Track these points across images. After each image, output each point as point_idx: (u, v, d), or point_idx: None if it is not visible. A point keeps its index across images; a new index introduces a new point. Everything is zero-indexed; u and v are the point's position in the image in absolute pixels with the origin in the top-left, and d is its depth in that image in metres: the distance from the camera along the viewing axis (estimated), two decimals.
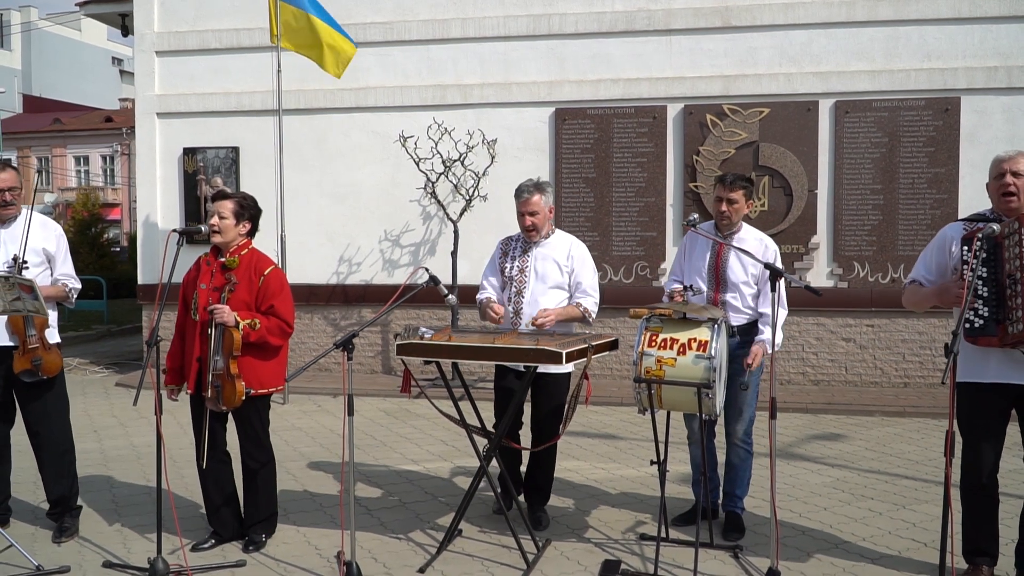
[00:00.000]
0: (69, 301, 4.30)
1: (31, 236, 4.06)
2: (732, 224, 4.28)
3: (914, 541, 4.30)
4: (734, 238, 4.28)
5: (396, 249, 9.01)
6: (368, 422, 7.02)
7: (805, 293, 4.29)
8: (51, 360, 4.07)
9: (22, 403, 4.21)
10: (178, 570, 3.76)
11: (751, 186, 4.37)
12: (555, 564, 3.97)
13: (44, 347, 4.03)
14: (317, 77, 9.01)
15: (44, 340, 4.04)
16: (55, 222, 4.47)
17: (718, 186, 4.35)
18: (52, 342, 4.13)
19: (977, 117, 8.13)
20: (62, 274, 4.26)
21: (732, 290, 4.25)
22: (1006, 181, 3.56)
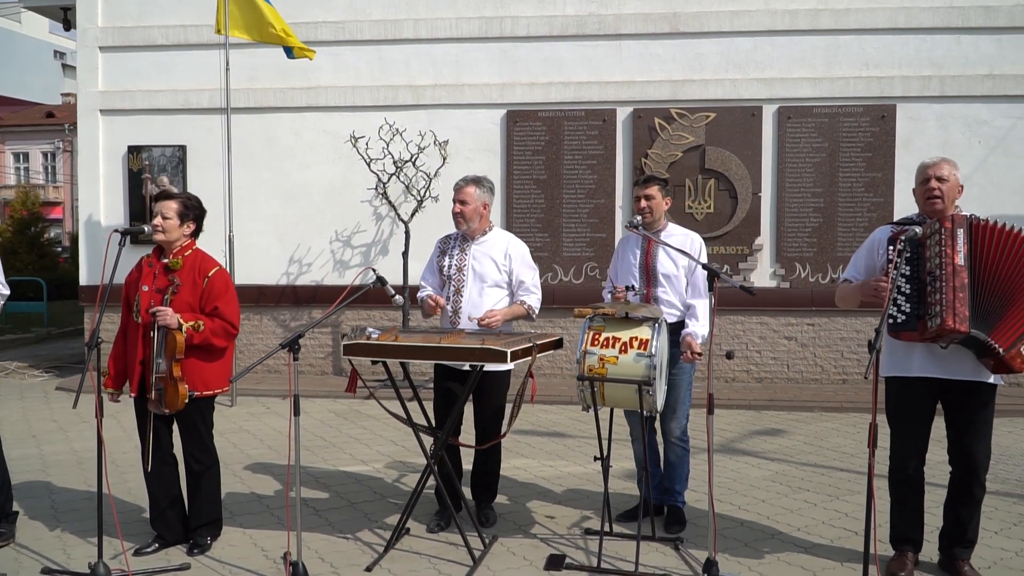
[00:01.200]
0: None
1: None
2: (654, 220, 4.39)
3: (846, 530, 4.47)
4: (661, 235, 4.40)
5: (347, 250, 9.00)
6: (317, 423, 7.01)
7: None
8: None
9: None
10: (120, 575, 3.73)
11: (665, 184, 4.52)
12: (501, 560, 4.04)
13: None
14: (267, 76, 8.99)
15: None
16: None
17: (635, 187, 4.49)
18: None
19: (912, 124, 8.43)
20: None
21: (663, 283, 4.36)
22: (931, 186, 3.74)
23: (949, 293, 3.46)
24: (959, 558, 3.82)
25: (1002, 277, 3.48)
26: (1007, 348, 3.43)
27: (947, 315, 3.43)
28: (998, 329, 3.45)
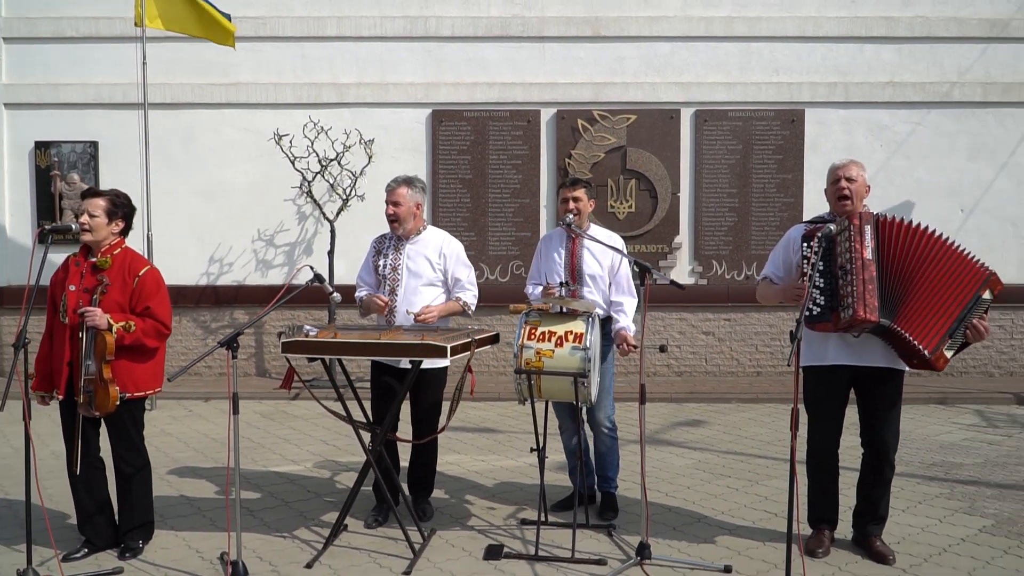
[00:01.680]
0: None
1: None
2: (581, 221, 4.54)
3: (766, 512, 4.72)
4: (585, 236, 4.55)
5: (270, 249, 8.88)
6: (245, 425, 6.91)
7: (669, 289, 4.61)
8: None
9: None
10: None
11: (590, 186, 4.68)
12: (441, 552, 4.11)
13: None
14: (185, 70, 8.79)
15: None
16: None
17: (562, 189, 4.63)
18: None
19: (819, 128, 8.86)
20: None
21: (588, 283, 4.51)
22: (841, 186, 3.99)
23: (859, 286, 3.70)
24: (872, 534, 4.08)
25: (905, 268, 3.75)
26: (932, 350, 3.69)
27: (858, 306, 3.68)
28: (903, 317, 3.71)
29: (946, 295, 3.71)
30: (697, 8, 8.87)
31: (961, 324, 3.73)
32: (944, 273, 3.72)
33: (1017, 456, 5.94)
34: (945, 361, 3.77)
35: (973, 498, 4.97)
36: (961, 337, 3.78)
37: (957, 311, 3.71)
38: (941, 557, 4.05)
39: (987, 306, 3.77)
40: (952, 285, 3.71)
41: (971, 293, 3.70)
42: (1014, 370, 8.82)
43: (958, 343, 3.79)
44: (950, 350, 3.77)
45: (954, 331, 3.73)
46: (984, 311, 3.77)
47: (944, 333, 3.71)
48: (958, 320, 3.72)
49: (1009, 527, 4.46)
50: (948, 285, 3.71)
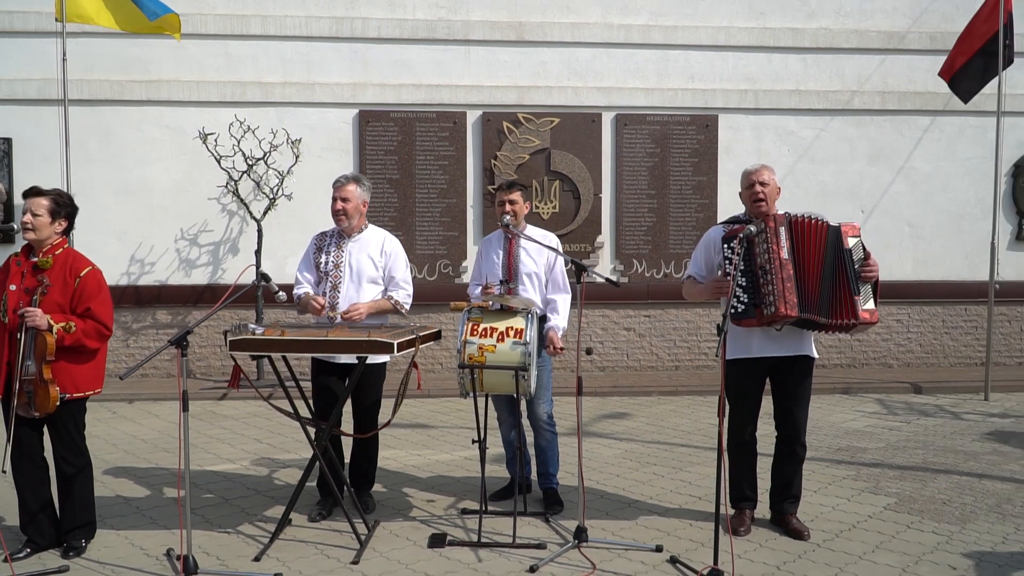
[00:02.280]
0: None
1: None
2: (517, 222, 4.75)
3: (691, 496, 5.02)
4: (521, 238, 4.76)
5: (194, 248, 8.77)
6: (171, 425, 6.85)
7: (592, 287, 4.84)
8: None
9: None
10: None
11: (526, 189, 4.92)
12: (386, 542, 4.24)
13: None
14: (104, 67, 8.61)
15: None
16: None
17: (499, 192, 4.83)
18: None
19: (732, 133, 9.31)
20: None
21: (525, 281, 4.72)
22: (755, 190, 4.30)
23: (779, 284, 4.03)
24: (787, 512, 4.42)
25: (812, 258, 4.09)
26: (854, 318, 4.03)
27: (779, 303, 4.00)
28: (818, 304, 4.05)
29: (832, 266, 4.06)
30: (616, 16, 9.19)
31: (856, 279, 4.08)
32: (824, 250, 4.07)
33: (915, 440, 6.45)
34: (870, 313, 4.09)
35: (877, 479, 5.40)
36: (865, 286, 4.11)
37: (843, 274, 4.06)
38: (851, 532, 4.42)
39: (861, 251, 4.12)
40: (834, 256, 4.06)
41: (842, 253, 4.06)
42: (910, 361, 9.48)
43: (869, 293, 4.14)
44: (866, 302, 4.11)
45: (855, 287, 4.08)
46: (862, 256, 4.11)
47: (849, 296, 4.05)
48: (849, 278, 4.07)
49: (910, 504, 4.88)
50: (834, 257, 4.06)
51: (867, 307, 4.12)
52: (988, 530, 4.45)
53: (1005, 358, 9.47)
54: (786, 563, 4.00)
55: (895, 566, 3.97)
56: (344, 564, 3.96)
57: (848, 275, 4.09)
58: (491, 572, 3.87)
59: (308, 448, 6.03)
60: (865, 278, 4.14)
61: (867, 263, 4.14)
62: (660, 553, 4.10)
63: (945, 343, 9.52)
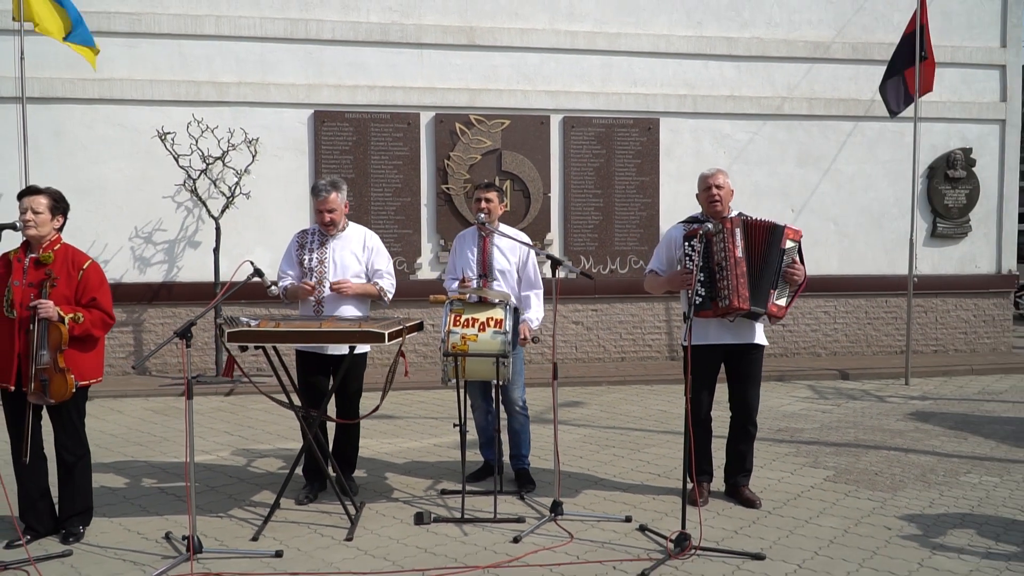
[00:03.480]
0: None
1: None
2: (491, 220, 5.08)
3: (651, 474, 5.43)
4: (495, 234, 5.09)
5: (149, 246, 8.79)
6: (139, 421, 6.94)
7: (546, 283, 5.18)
8: None
9: None
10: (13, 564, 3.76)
11: (501, 190, 5.27)
12: (374, 521, 4.51)
13: None
14: (55, 65, 8.56)
15: None
16: None
17: (476, 191, 5.16)
18: None
19: (672, 135, 9.81)
20: None
21: (498, 277, 5.05)
22: (712, 192, 4.72)
23: (734, 280, 4.45)
24: (741, 484, 4.87)
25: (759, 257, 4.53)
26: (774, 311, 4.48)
27: (733, 297, 4.43)
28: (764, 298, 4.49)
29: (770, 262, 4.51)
30: (563, 22, 9.58)
31: (778, 276, 4.53)
32: (768, 247, 4.52)
33: (846, 421, 7.02)
34: (778, 309, 4.52)
35: (815, 455, 5.92)
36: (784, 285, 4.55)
37: (771, 268, 4.51)
38: (796, 501, 4.89)
39: (795, 252, 4.57)
40: (771, 253, 4.52)
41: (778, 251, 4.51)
42: (837, 350, 10.15)
43: (785, 292, 4.58)
44: (779, 298, 4.55)
45: (775, 283, 4.52)
46: (794, 257, 4.56)
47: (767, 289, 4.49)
48: (774, 273, 4.52)
49: (847, 476, 5.39)
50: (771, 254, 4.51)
51: (778, 302, 4.57)
52: (916, 496, 4.98)
53: (923, 346, 10.23)
54: (742, 528, 4.43)
55: (838, 528, 4.44)
56: (338, 541, 4.22)
57: (774, 270, 4.53)
58: (477, 543, 4.19)
59: (281, 439, 6.30)
60: (786, 277, 4.57)
61: (793, 265, 4.58)
62: (630, 523, 4.47)
63: (868, 333, 10.22)
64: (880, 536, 4.32)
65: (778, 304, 4.53)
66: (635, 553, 4.06)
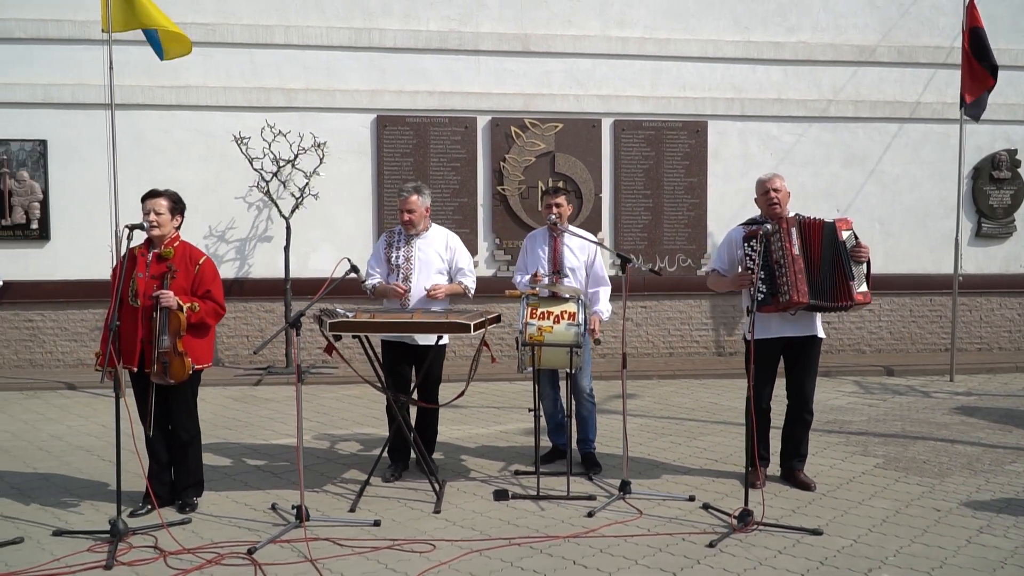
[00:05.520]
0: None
1: None
2: (562, 222, 5.44)
3: (708, 459, 5.77)
4: (565, 235, 5.46)
5: (222, 244, 9.30)
6: (222, 408, 7.41)
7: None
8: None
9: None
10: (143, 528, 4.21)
11: (570, 193, 5.63)
12: (457, 497, 4.91)
13: None
14: (134, 73, 9.07)
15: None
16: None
17: (546, 196, 5.54)
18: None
19: (720, 138, 10.10)
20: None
21: (568, 275, 5.42)
22: (770, 196, 5.05)
23: (792, 276, 4.77)
24: (796, 468, 5.18)
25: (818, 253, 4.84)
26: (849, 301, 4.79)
27: (792, 292, 4.75)
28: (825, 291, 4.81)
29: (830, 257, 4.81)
30: (614, 29, 9.91)
31: (849, 266, 4.83)
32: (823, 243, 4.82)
33: (893, 414, 7.28)
34: (864, 295, 4.84)
35: (864, 444, 6.20)
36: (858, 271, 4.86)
37: (840, 263, 4.81)
38: (848, 485, 5.19)
39: (853, 240, 4.88)
40: (834, 248, 4.82)
41: (838, 245, 4.81)
42: (881, 347, 10.36)
43: (862, 276, 4.89)
44: (860, 285, 4.86)
45: (850, 274, 4.82)
46: (855, 244, 4.87)
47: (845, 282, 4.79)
48: (845, 267, 4.81)
49: (896, 463, 5.68)
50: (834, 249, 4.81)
51: (861, 290, 4.88)
52: (963, 483, 5.25)
53: (967, 344, 10.40)
54: (799, 508, 4.75)
55: (889, 509, 4.74)
56: (427, 513, 4.62)
57: (844, 263, 4.85)
58: (554, 517, 4.56)
59: (357, 424, 6.75)
60: (856, 259, 4.88)
61: (858, 247, 4.89)
62: (693, 502, 4.82)
63: (912, 331, 10.42)
64: (929, 517, 4.61)
65: (862, 292, 4.85)
66: (701, 527, 4.41)
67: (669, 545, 4.17)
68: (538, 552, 4.08)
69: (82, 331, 9.18)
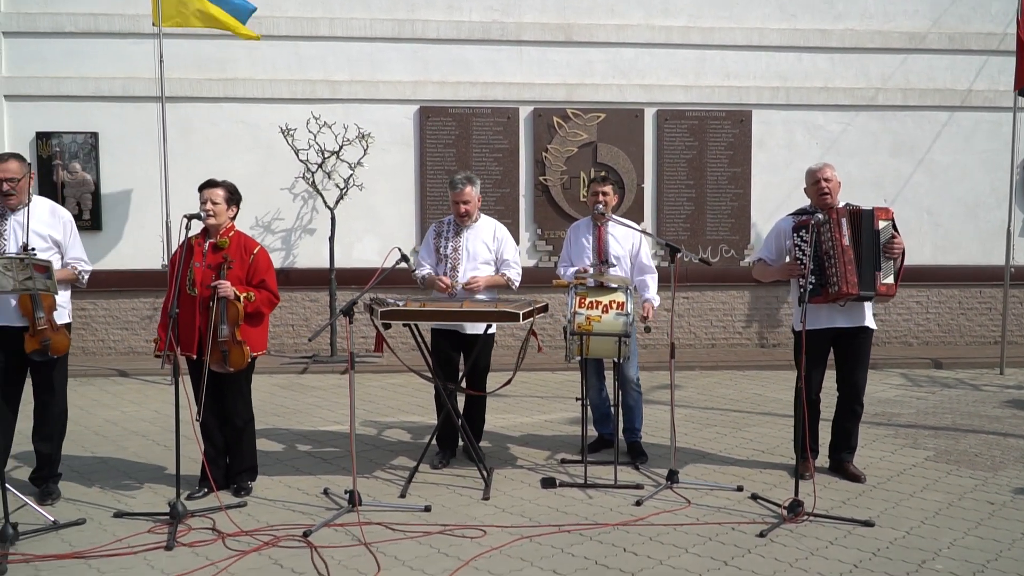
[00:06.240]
0: (80, 283, 4.63)
1: (38, 223, 4.41)
2: (607, 211, 5.43)
3: (755, 450, 5.74)
4: (610, 223, 5.45)
5: (268, 235, 9.43)
6: (270, 395, 7.53)
7: None
8: (59, 340, 4.42)
9: (32, 375, 4.52)
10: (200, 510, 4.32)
11: (615, 182, 5.62)
12: (504, 484, 4.95)
13: (52, 328, 4.37)
14: (182, 66, 9.22)
15: (52, 322, 4.37)
16: (65, 209, 4.73)
17: (592, 184, 5.53)
18: (61, 323, 4.47)
19: (764, 127, 9.98)
20: (72, 258, 4.58)
21: (614, 263, 5.42)
22: (821, 186, 5.00)
23: (842, 267, 4.72)
24: (846, 460, 5.14)
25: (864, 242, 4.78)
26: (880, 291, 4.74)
27: (842, 284, 4.70)
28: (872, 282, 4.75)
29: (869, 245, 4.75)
30: (658, 18, 9.84)
31: (879, 256, 4.75)
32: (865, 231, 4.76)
33: (942, 407, 7.17)
34: (888, 287, 4.77)
35: (914, 437, 6.12)
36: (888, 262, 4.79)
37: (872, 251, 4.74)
38: (899, 477, 5.13)
39: (890, 232, 4.80)
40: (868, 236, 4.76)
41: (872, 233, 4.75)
42: (929, 340, 10.19)
43: (891, 268, 4.82)
44: (886, 277, 4.79)
45: (877, 264, 4.75)
46: (892, 233, 4.80)
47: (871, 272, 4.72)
48: (876, 256, 4.74)
49: (947, 456, 5.60)
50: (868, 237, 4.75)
51: (886, 281, 4.80)
52: (1017, 476, 5.17)
53: (1017, 337, 10.18)
54: (849, 499, 4.72)
55: (942, 502, 4.68)
56: (476, 500, 4.67)
57: (874, 252, 4.78)
58: (603, 505, 4.58)
59: (403, 412, 6.82)
60: (886, 253, 4.80)
61: (892, 242, 4.82)
62: (741, 492, 4.80)
63: (961, 323, 10.23)
64: (983, 510, 4.55)
65: (886, 283, 4.78)
66: (750, 517, 4.40)
67: (719, 534, 4.17)
68: (588, 539, 4.11)
69: (133, 320, 9.40)
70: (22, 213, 4.45)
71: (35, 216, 4.44)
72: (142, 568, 3.77)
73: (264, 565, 3.80)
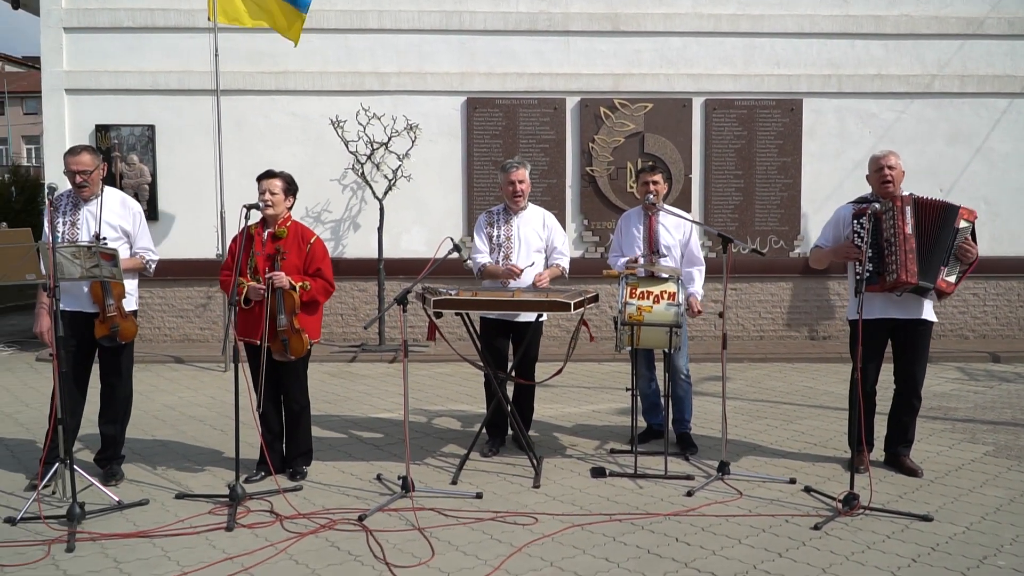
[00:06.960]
0: (148, 272, 4.78)
1: (110, 214, 4.55)
2: (658, 200, 5.40)
3: (806, 443, 5.68)
4: (660, 213, 5.42)
5: (318, 226, 9.55)
6: (320, 383, 7.64)
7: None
8: (127, 327, 4.56)
9: (100, 359, 4.68)
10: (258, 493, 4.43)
11: (666, 172, 5.57)
12: (554, 473, 4.97)
13: (121, 315, 4.51)
14: (235, 59, 9.38)
15: (121, 308, 4.52)
16: (135, 201, 4.87)
17: (642, 173, 5.49)
18: (129, 310, 4.61)
19: (815, 116, 9.82)
20: (140, 247, 4.73)
21: (665, 252, 5.39)
22: (884, 173, 4.91)
23: (902, 255, 4.64)
24: (902, 454, 5.05)
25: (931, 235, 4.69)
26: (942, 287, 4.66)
27: (901, 272, 4.62)
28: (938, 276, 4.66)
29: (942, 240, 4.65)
30: (707, 6, 9.73)
31: (949, 253, 4.66)
32: (941, 225, 4.66)
33: (1001, 401, 7.01)
34: (948, 284, 4.68)
35: (972, 432, 6.00)
36: (955, 263, 4.70)
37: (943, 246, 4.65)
38: (958, 472, 5.04)
39: (968, 232, 4.70)
40: (944, 232, 4.66)
41: (951, 230, 4.65)
42: (986, 333, 9.96)
43: (955, 270, 4.72)
44: (950, 275, 4.69)
45: (944, 259, 4.66)
46: (967, 236, 4.70)
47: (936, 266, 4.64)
48: (946, 251, 4.66)
49: (1008, 452, 5.48)
50: (943, 233, 4.66)
51: (948, 278, 4.71)
52: None
53: None
54: (906, 493, 4.65)
55: (1003, 497, 4.58)
56: (527, 488, 4.70)
57: (945, 248, 4.68)
58: (653, 495, 4.58)
59: (451, 401, 6.88)
60: (959, 255, 4.70)
61: (967, 243, 4.71)
62: (794, 484, 4.76)
63: (1020, 316, 9.97)
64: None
65: (947, 280, 4.69)
66: (804, 510, 4.36)
67: (772, 526, 4.14)
68: (639, 528, 4.12)
69: (188, 308, 9.62)
70: (95, 204, 4.59)
71: (107, 207, 4.60)
72: (204, 548, 3.88)
73: (321, 547, 3.88)
